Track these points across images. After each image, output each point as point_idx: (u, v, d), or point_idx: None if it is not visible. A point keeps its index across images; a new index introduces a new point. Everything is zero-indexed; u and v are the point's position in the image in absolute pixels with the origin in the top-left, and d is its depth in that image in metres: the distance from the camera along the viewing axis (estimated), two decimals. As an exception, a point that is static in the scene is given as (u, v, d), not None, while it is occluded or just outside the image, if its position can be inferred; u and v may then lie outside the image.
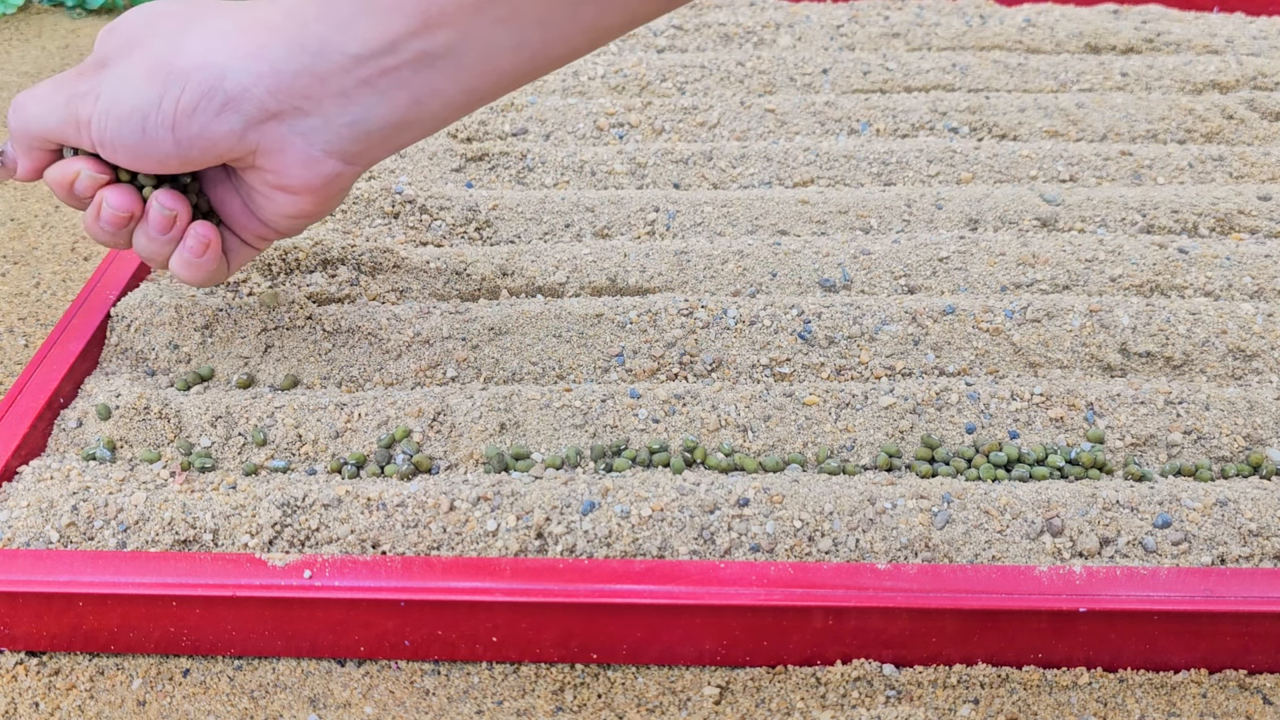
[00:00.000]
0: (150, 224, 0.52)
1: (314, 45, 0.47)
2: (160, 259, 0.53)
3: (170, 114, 0.47)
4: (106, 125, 0.48)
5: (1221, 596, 0.47)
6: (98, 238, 0.53)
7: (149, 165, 0.49)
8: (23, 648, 0.50)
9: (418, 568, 0.48)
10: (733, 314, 0.60)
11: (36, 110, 0.50)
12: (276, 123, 0.48)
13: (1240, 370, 0.59)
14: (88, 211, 0.52)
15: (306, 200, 0.51)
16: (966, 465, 0.54)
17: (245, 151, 0.49)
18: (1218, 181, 0.74)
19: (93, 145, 0.50)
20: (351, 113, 0.48)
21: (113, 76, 0.48)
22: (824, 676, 0.48)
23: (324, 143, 0.49)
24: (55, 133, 0.50)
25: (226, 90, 0.47)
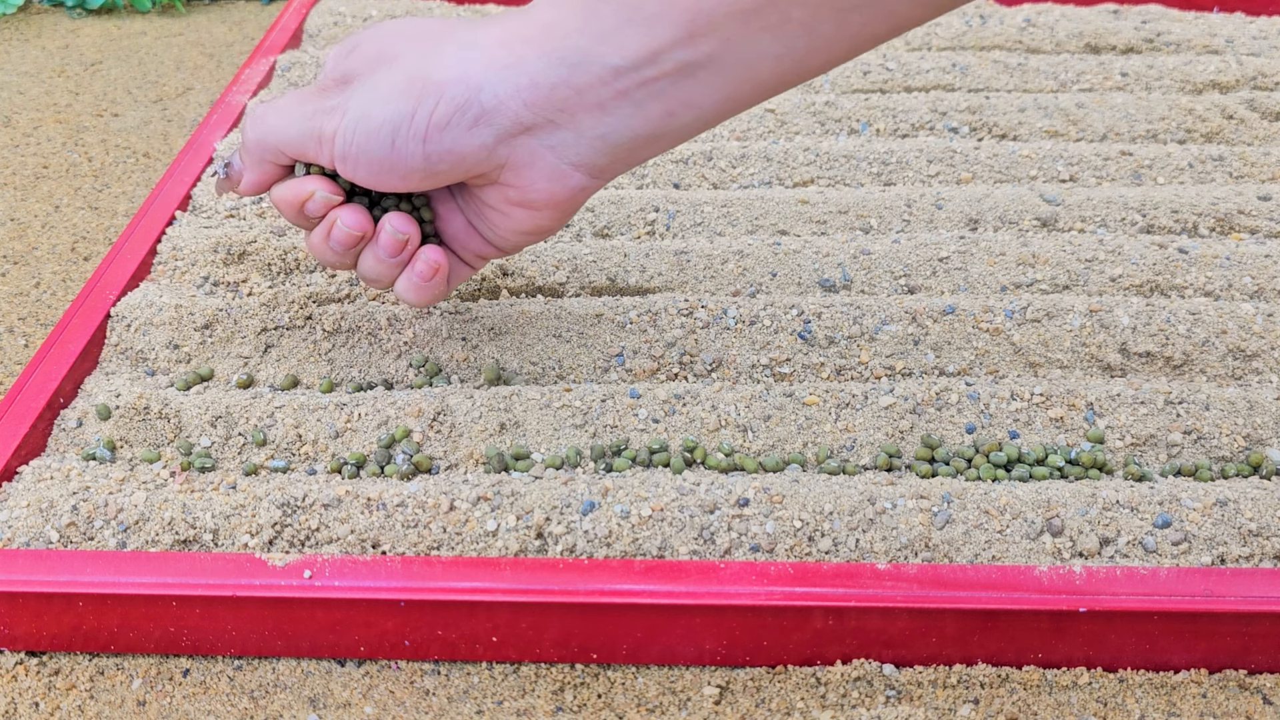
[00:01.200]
0: (381, 246, 0.52)
1: (573, 57, 0.46)
2: (386, 281, 0.53)
3: (423, 127, 0.47)
4: (353, 140, 0.48)
5: (1221, 596, 0.47)
6: (323, 257, 0.53)
7: (391, 182, 0.49)
8: (23, 648, 0.50)
9: (418, 568, 0.48)
10: (733, 314, 0.60)
11: (277, 122, 0.50)
12: (528, 136, 0.48)
13: (1240, 370, 0.59)
14: (315, 231, 0.52)
15: (545, 215, 0.50)
16: (966, 465, 0.54)
17: (492, 166, 0.48)
18: (1218, 181, 0.74)
19: (331, 161, 0.49)
20: (605, 125, 0.47)
21: (361, 91, 0.48)
22: (824, 676, 0.48)
23: (574, 156, 0.48)
24: (295, 146, 0.50)
25: (482, 103, 0.47)
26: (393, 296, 0.64)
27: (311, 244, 0.53)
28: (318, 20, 0.96)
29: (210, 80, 1.05)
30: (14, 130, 0.96)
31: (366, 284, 0.54)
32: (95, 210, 0.84)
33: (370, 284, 0.54)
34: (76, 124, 0.97)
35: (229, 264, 0.65)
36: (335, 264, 0.53)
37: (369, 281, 0.54)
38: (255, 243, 0.66)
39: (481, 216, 0.53)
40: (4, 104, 1.00)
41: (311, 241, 0.53)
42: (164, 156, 0.91)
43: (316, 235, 0.52)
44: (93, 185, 0.88)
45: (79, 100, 1.01)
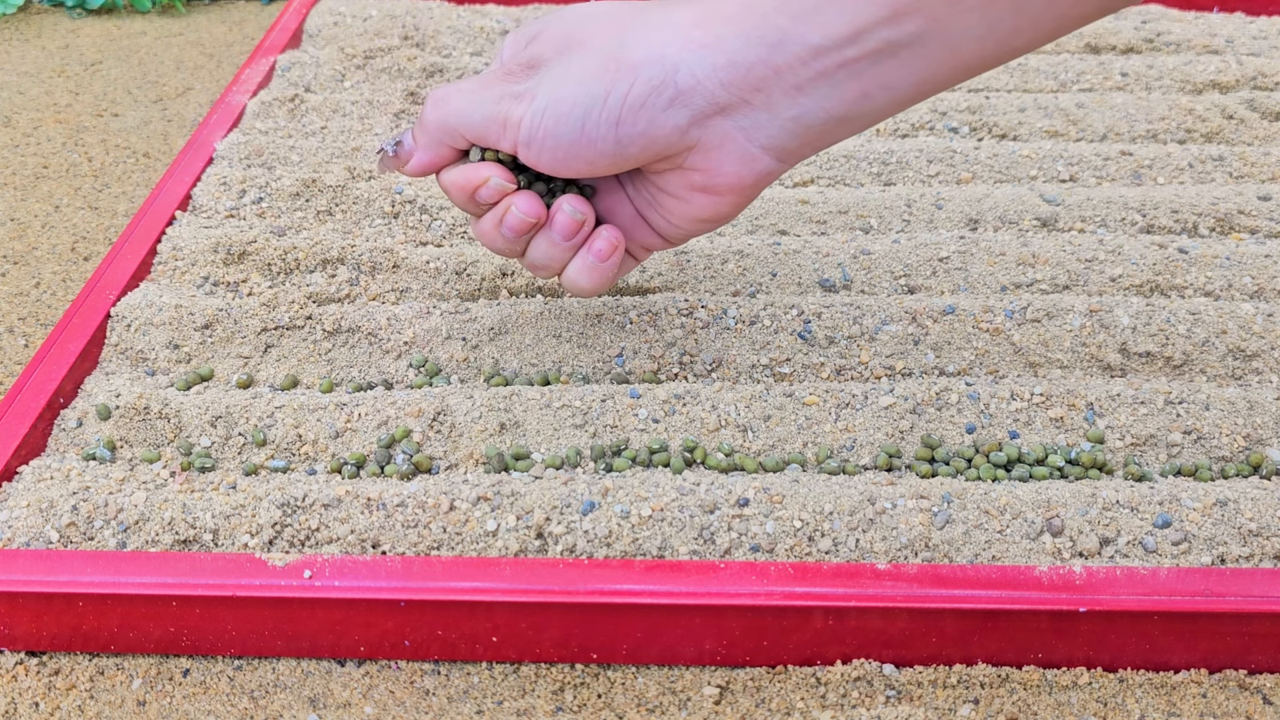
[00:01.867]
0: (556, 228, 0.51)
1: (773, 36, 0.46)
2: (556, 266, 0.52)
3: (616, 109, 0.46)
4: (542, 124, 0.47)
5: (1221, 596, 0.47)
6: (492, 243, 0.52)
7: (575, 167, 0.48)
8: (23, 648, 0.50)
9: (418, 568, 0.48)
10: (733, 314, 0.60)
11: (461, 104, 0.49)
12: (722, 118, 0.47)
13: (1240, 370, 0.59)
14: (485, 218, 0.52)
15: (727, 201, 0.50)
16: (966, 465, 0.54)
17: (683, 148, 0.48)
18: (1218, 181, 0.74)
19: (514, 146, 0.49)
20: (800, 106, 0.47)
21: (551, 75, 0.48)
22: (824, 676, 0.48)
23: (765, 138, 0.47)
24: (477, 129, 0.49)
25: (678, 84, 0.46)
26: (393, 296, 0.64)
27: (481, 229, 0.52)
28: (318, 20, 0.96)
29: (210, 80, 1.05)
30: (14, 130, 0.96)
31: (532, 271, 0.53)
32: (95, 210, 0.84)
33: (537, 271, 0.53)
34: (76, 124, 0.97)
35: (229, 264, 0.65)
36: (503, 250, 0.52)
37: (536, 268, 0.53)
38: (255, 243, 0.66)
39: (656, 204, 0.52)
40: (4, 104, 1.00)
41: (482, 227, 0.52)
42: (164, 156, 0.91)
43: (487, 221, 0.52)
44: (93, 185, 0.88)
45: (79, 100, 1.01)
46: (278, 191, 0.71)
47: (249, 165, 0.76)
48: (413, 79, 0.86)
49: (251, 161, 0.76)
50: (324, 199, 0.71)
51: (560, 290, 0.64)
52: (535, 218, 0.51)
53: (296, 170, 0.75)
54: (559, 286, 0.52)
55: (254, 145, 0.77)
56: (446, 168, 0.52)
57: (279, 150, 0.77)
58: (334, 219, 0.70)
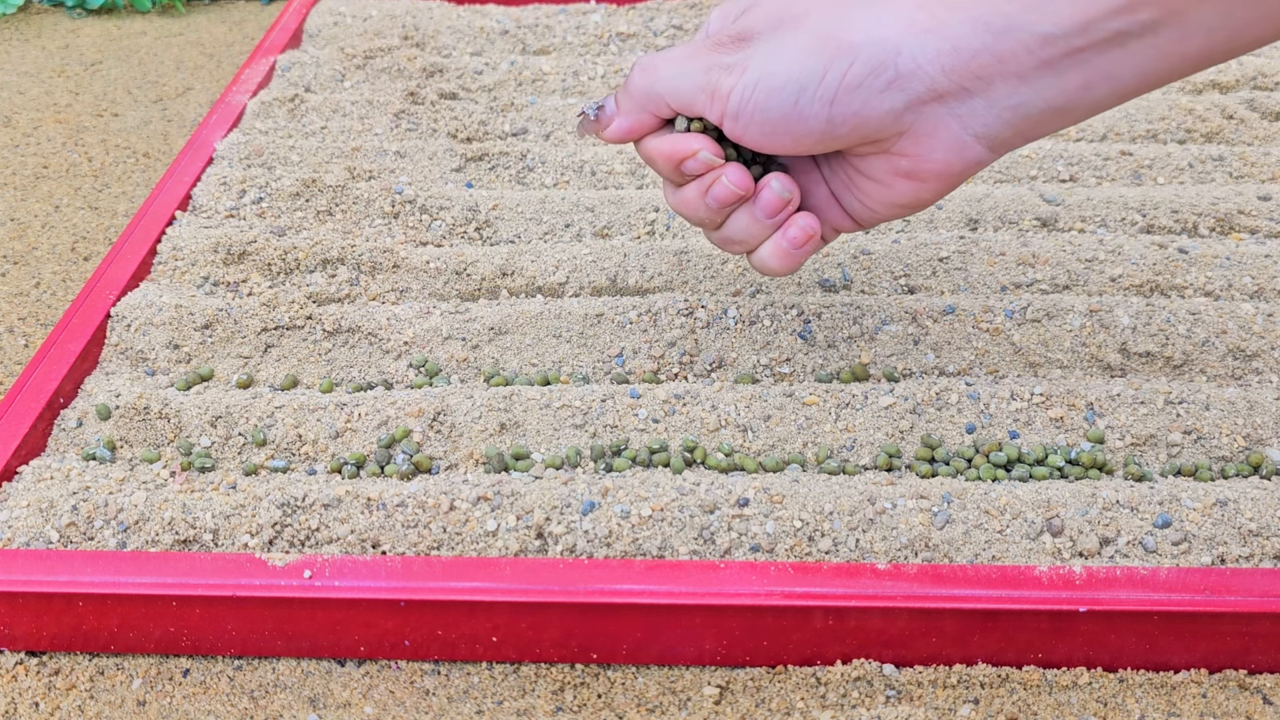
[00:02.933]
0: (761, 205, 0.51)
1: (999, 23, 0.45)
2: (752, 243, 0.52)
3: (832, 88, 0.46)
4: (752, 97, 0.47)
5: (1221, 596, 0.47)
6: (694, 212, 0.52)
7: (781, 143, 0.48)
8: (23, 648, 0.50)
9: (418, 568, 0.48)
10: (733, 314, 0.60)
11: (669, 72, 0.49)
12: (938, 104, 0.46)
13: (1240, 370, 0.59)
14: (688, 187, 0.51)
15: (930, 188, 0.49)
16: (966, 465, 0.54)
17: (894, 133, 0.47)
18: (1218, 181, 0.74)
19: (721, 117, 0.48)
20: (1020, 95, 0.46)
21: (764, 50, 0.47)
22: (824, 676, 0.48)
23: (980, 126, 0.47)
24: (684, 98, 0.49)
25: (898, 66, 0.46)
26: (393, 296, 0.64)
27: (683, 197, 0.52)
28: (318, 20, 0.96)
29: (210, 80, 1.05)
30: (14, 130, 0.96)
31: (723, 245, 0.53)
32: (95, 210, 0.84)
33: (728, 245, 0.53)
34: (76, 124, 0.97)
35: (229, 264, 0.65)
36: (702, 220, 0.52)
37: (730, 243, 0.52)
38: (255, 243, 0.66)
39: (853, 187, 0.51)
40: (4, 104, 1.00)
41: (684, 195, 0.51)
42: (164, 156, 0.91)
43: (691, 191, 0.51)
44: (93, 185, 0.88)
45: (79, 100, 1.01)
46: (278, 191, 0.71)
47: (249, 165, 0.76)
48: (413, 79, 0.86)
49: (251, 161, 0.76)
50: (324, 199, 0.71)
51: (560, 290, 0.64)
52: (744, 190, 0.50)
53: (296, 170, 0.75)
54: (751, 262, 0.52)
55: (254, 145, 0.77)
56: (647, 136, 0.52)
57: (279, 150, 0.77)
58: (334, 219, 0.70)
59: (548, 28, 0.94)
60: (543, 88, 0.86)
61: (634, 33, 0.93)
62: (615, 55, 0.91)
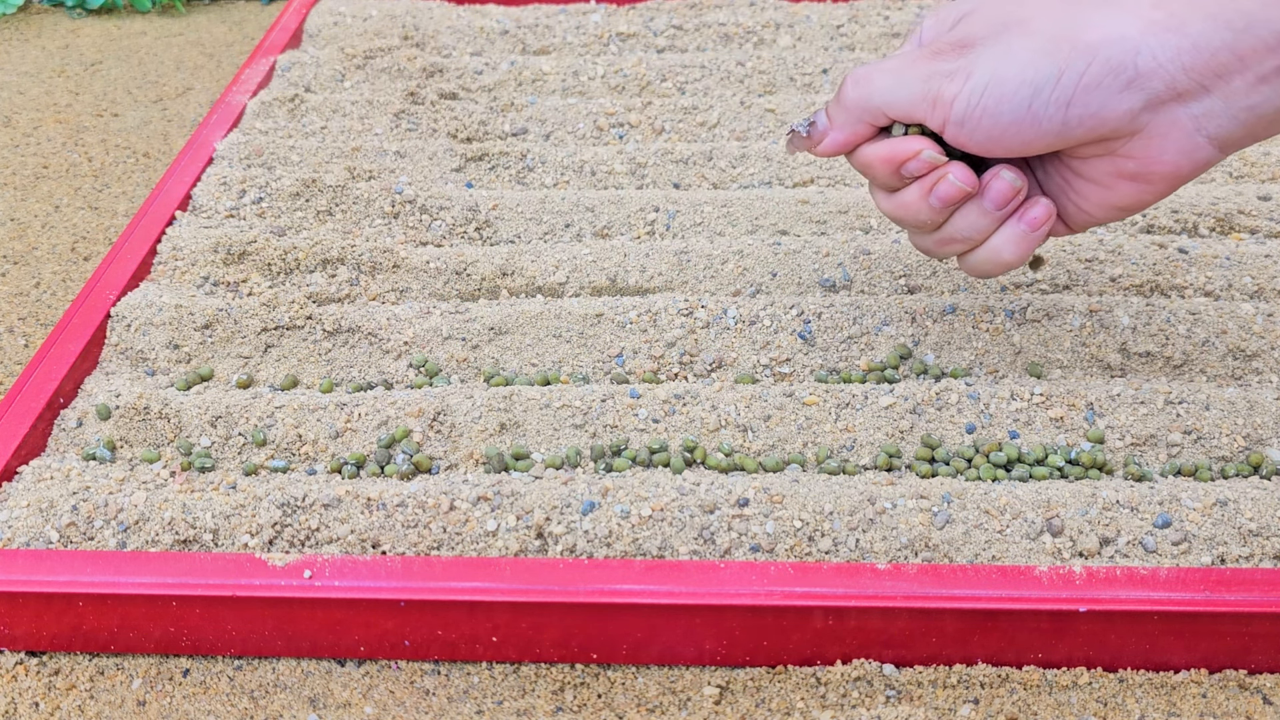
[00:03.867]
0: (990, 196, 0.50)
1: (1240, 21, 0.45)
2: (979, 237, 0.52)
3: (1070, 89, 0.46)
4: (980, 102, 0.47)
5: (1221, 596, 0.47)
6: (913, 216, 0.52)
7: (1009, 145, 0.48)
8: (23, 648, 0.50)
9: (418, 568, 0.48)
10: (733, 314, 0.60)
11: (886, 83, 0.50)
12: (1176, 104, 0.46)
13: (1240, 370, 0.59)
14: (911, 189, 0.51)
15: (1154, 190, 0.49)
16: (966, 465, 0.54)
17: (1128, 133, 0.47)
18: (1218, 181, 0.74)
19: (942, 124, 0.49)
20: (1258, 95, 0.46)
21: (989, 54, 0.47)
22: (824, 676, 0.48)
23: (1214, 127, 0.47)
24: (902, 108, 0.49)
25: (1138, 65, 0.45)
26: (393, 296, 0.64)
27: (901, 201, 0.52)
28: (318, 20, 0.96)
29: (210, 80, 1.05)
30: (14, 130, 0.96)
31: (939, 246, 0.53)
32: (95, 210, 0.84)
33: (948, 245, 0.52)
34: (76, 124, 0.97)
35: (229, 264, 0.65)
36: (923, 222, 0.52)
37: (952, 241, 0.52)
38: (255, 243, 0.66)
39: (1070, 190, 0.51)
40: (4, 104, 1.00)
41: (903, 199, 0.51)
42: (164, 156, 0.91)
43: (912, 193, 0.51)
44: (93, 185, 0.88)
45: (79, 100, 1.01)
46: (278, 191, 0.71)
47: (249, 165, 0.76)
48: (413, 79, 0.86)
49: (251, 161, 0.76)
50: (324, 199, 0.71)
51: (560, 290, 0.64)
52: (971, 186, 0.50)
53: (296, 170, 0.75)
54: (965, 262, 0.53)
55: (254, 145, 0.77)
56: (863, 145, 0.52)
57: (279, 150, 0.77)
58: (334, 219, 0.70)
59: (548, 28, 0.94)
60: (543, 88, 0.86)
61: (634, 33, 0.93)
62: (615, 55, 0.91)
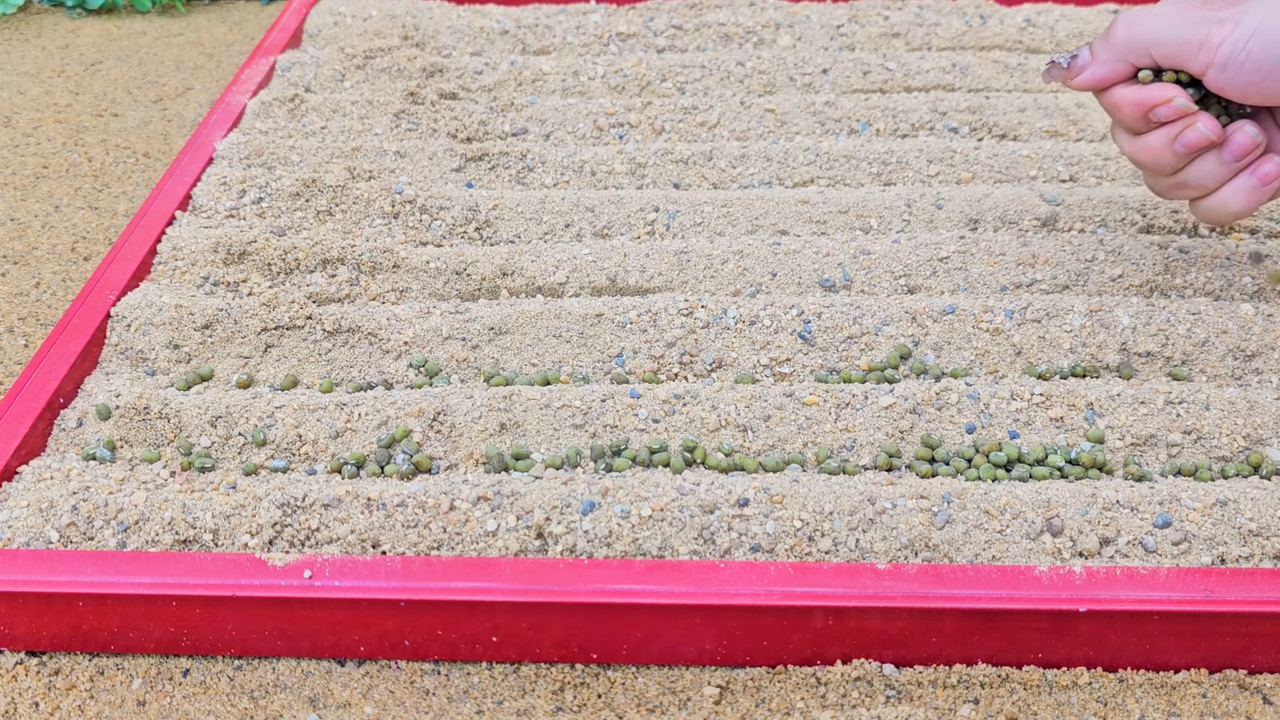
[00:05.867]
0: (1231, 148, 0.53)
1: None
2: (1213, 185, 0.54)
3: None
4: (1246, 47, 0.50)
5: (1221, 596, 0.47)
6: (1154, 159, 0.54)
7: (1268, 94, 0.51)
8: (23, 648, 0.50)
9: (418, 568, 0.48)
10: (733, 314, 0.60)
11: (1156, 25, 0.52)
12: None
13: (1240, 370, 0.59)
14: (1158, 134, 0.54)
15: None
16: (966, 465, 0.54)
17: None
18: (1218, 181, 0.74)
19: (1205, 68, 0.51)
20: None
21: (1261, 5, 0.50)
22: (824, 676, 0.48)
23: None
24: (1170, 49, 0.52)
25: None
26: (393, 296, 0.64)
27: (1145, 144, 0.54)
28: (318, 20, 0.96)
29: (210, 80, 1.05)
30: (14, 130, 0.96)
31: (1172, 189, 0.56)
32: (95, 210, 0.84)
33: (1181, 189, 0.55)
34: (76, 124, 0.97)
35: (229, 264, 0.65)
36: (1162, 165, 0.54)
37: (1184, 186, 0.55)
38: (255, 243, 0.66)
39: None
40: (4, 104, 1.00)
41: (1147, 142, 0.54)
42: (164, 156, 0.91)
43: (1157, 138, 0.54)
44: (93, 185, 0.88)
45: (79, 100, 1.01)
46: (278, 191, 0.71)
47: (249, 165, 0.76)
48: (413, 79, 0.86)
49: (251, 161, 0.76)
50: (324, 199, 0.71)
51: (560, 290, 0.64)
52: (1216, 135, 0.53)
53: (296, 170, 0.75)
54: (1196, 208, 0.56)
55: (254, 145, 0.77)
56: (1115, 86, 0.54)
57: (279, 150, 0.77)
58: (334, 219, 0.70)
59: (548, 28, 0.94)
60: (543, 88, 0.86)
61: (634, 33, 0.93)
62: (615, 55, 0.91)
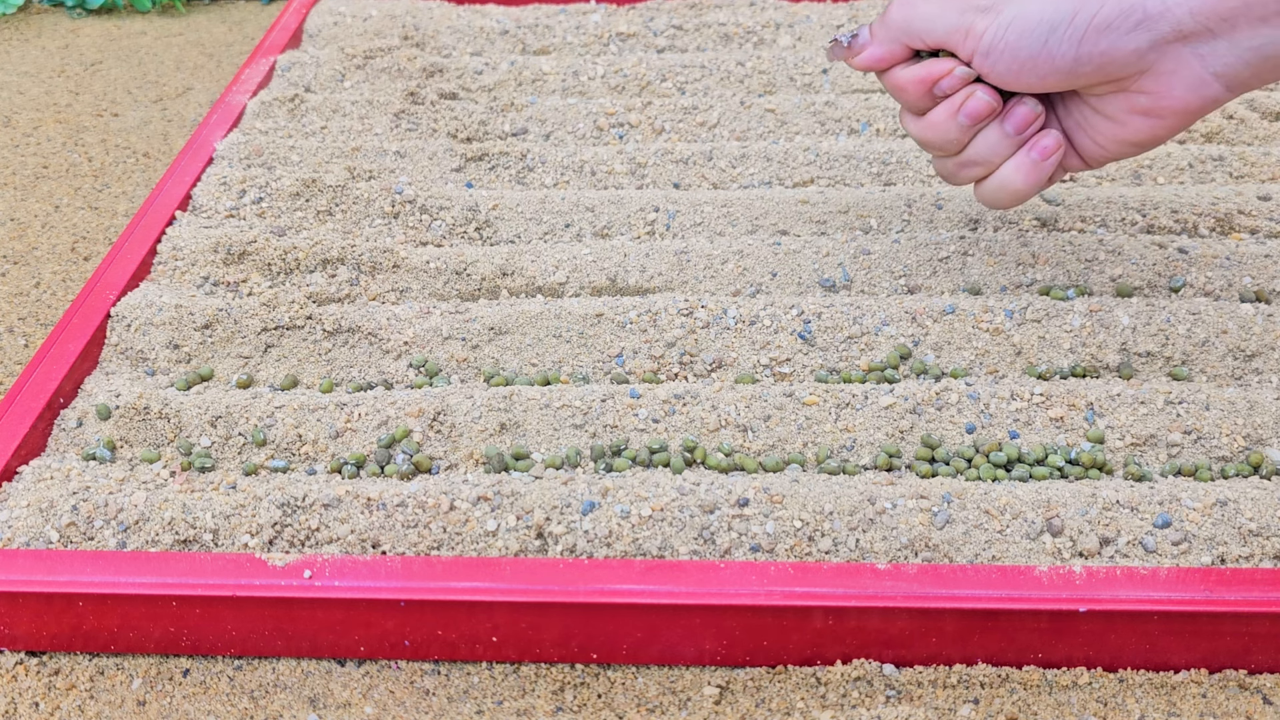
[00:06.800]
0: (1012, 120, 0.54)
1: None
2: (996, 160, 0.55)
3: (1082, 28, 0.49)
4: (1004, 36, 0.51)
5: (1221, 596, 0.47)
6: (940, 135, 0.55)
7: (1026, 80, 0.52)
8: (23, 648, 0.50)
9: (418, 568, 0.48)
10: (733, 314, 0.60)
11: (929, 10, 0.53)
12: (1182, 44, 0.49)
13: (1240, 370, 0.59)
14: (941, 109, 0.55)
15: (1167, 125, 0.52)
16: (966, 465, 0.54)
17: (1135, 71, 0.50)
18: (1218, 181, 0.74)
19: (971, 54, 0.52)
20: (1262, 37, 0.49)
21: None
22: (824, 676, 0.48)
23: (1221, 66, 0.50)
24: (938, 34, 0.53)
25: (1146, 8, 0.49)
26: (393, 296, 0.64)
27: (930, 121, 0.55)
28: (318, 20, 0.96)
29: (210, 80, 1.05)
30: (14, 130, 0.96)
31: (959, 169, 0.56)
32: (95, 210, 0.84)
33: (968, 168, 0.56)
34: (76, 124, 0.97)
35: (229, 264, 0.65)
36: (949, 141, 0.55)
37: (970, 164, 0.56)
38: (255, 243, 0.66)
39: (1087, 126, 0.54)
40: (4, 104, 1.00)
41: (932, 119, 0.55)
42: (164, 156, 0.91)
43: (941, 112, 0.54)
44: (93, 185, 0.88)
45: (79, 100, 1.01)
46: (278, 191, 0.71)
47: (249, 165, 0.76)
48: (413, 79, 0.86)
49: (251, 161, 0.76)
50: (324, 199, 0.71)
51: (560, 290, 0.64)
52: (994, 106, 0.54)
53: (296, 170, 0.75)
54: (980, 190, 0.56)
55: (254, 145, 0.77)
56: (896, 66, 0.55)
57: (279, 150, 0.77)
58: (334, 219, 0.70)
59: (548, 28, 0.94)
60: (543, 88, 0.86)
61: (634, 33, 0.93)
62: (615, 55, 0.91)
